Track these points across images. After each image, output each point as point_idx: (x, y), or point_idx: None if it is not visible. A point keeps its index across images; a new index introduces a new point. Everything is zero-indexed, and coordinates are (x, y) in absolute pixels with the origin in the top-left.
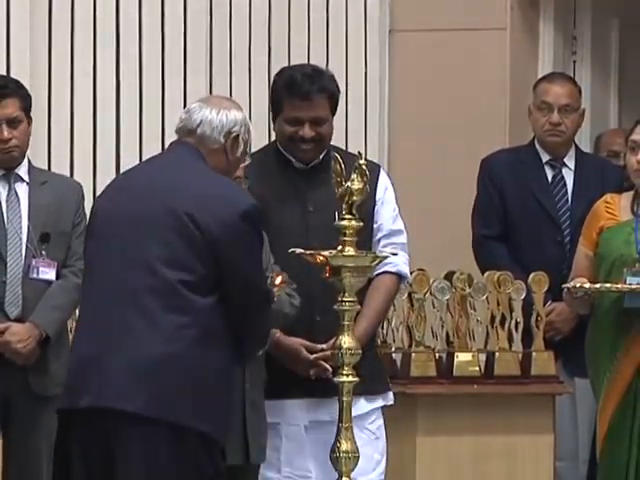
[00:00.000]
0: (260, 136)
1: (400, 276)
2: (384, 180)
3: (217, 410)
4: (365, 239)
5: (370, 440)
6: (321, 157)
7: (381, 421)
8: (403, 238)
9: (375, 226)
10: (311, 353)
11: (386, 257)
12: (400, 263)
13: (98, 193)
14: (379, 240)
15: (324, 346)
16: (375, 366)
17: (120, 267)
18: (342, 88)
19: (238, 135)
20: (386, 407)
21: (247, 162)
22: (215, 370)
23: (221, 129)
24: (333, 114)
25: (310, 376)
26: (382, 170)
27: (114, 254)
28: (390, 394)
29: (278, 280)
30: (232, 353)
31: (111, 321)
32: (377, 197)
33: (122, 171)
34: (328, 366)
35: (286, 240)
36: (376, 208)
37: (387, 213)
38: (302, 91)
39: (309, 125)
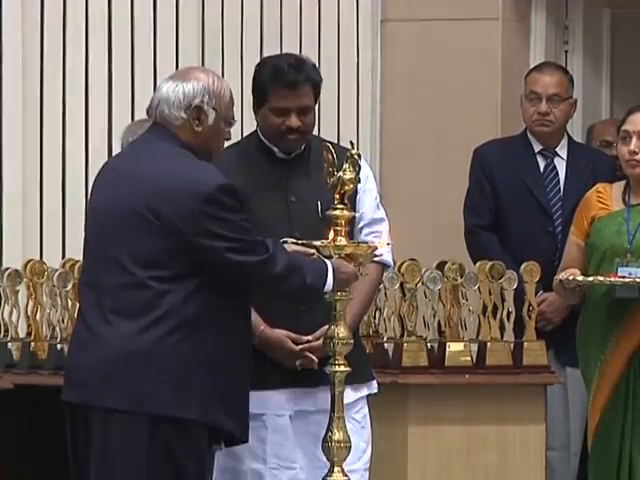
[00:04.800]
0: (251, 124)
1: (384, 265)
2: (365, 169)
3: (203, 395)
4: (348, 228)
5: (356, 429)
6: (302, 147)
7: (366, 410)
8: (385, 226)
9: (357, 215)
10: (296, 344)
11: (377, 247)
12: (384, 252)
13: (90, 186)
14: (361, 229)
15: (310, 337)
16: (360, 356)
17: (95, 265)
18: (334, 77)
19: (200, 106)
20: (377, 397)
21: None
22: (194, 357)
23: (179, 105)
24: (316, 103)
25: (296, 367)
26: (363, 159)
27: (92, 252)
28: (374, 383)
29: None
30: (217, 336)
31: (91, 319)
32: (359, 186)
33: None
34: (314, 357)
35: (269, 231)
36: (358, 197)
37: (369, 202)
38: (289, 80)
39: (296, 115)
